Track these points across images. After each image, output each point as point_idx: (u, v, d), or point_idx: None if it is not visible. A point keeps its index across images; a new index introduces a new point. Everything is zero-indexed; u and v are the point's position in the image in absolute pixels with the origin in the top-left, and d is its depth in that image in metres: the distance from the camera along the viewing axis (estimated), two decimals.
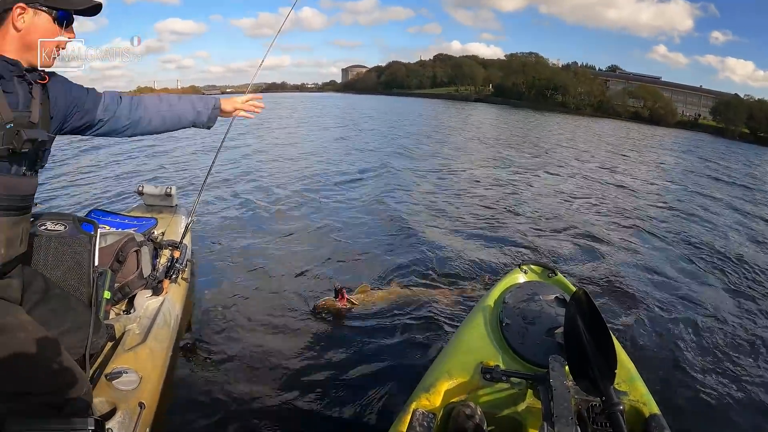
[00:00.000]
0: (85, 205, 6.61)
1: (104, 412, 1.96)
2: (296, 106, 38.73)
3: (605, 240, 6.02)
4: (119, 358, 2.25)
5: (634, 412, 1.67)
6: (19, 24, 1.53)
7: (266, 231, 5.65)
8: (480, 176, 10.09)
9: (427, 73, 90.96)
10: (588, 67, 69.53)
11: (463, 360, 1.93)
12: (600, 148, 17.36)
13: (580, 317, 1.71)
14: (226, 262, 4.59)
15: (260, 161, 10.75)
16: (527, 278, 2.45)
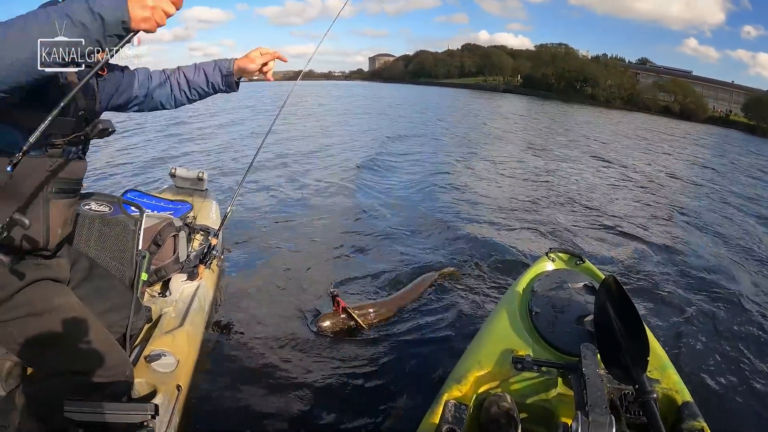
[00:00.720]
0: (115, 185, 6.75)
1: (144, 393, 2.01)
2: (326, 94, 38.55)
3: (633, 229, 5.92)
4: (157, 341, 2.29)
5: (667, 400, 1.66)
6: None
7: (296, 219, 5.68)
8: (507, 166, 9.99)
9: (455, 62, 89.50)
10: (618, 59, 67.35)
11: (494, 350, 1.93)
12: (631, 141, 16.85)
13: (611, 304, 1.71)
14: (255, 249, 4.64)
15: (293, 149, 10.73)
16: (555, 266, 2.43)
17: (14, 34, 1.19)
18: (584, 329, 1.91)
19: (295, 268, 4.18)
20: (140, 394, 2.00)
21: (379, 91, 51.86)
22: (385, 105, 29.26)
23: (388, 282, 3.90)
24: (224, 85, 1.96)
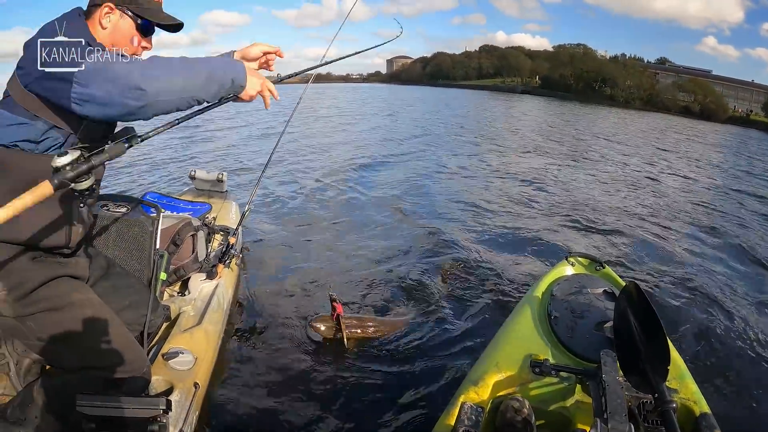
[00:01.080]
0: (136, 187, 6.83)
1: (161, 390, 2.04)
2: (343, 97, 38.50)
3: (654, 234, 5.81)
4: (175, 339, 2.31)
5: (685, 410, 1.64)
6: (105, 22, 1.63)
7: (312, 218, 5.72)
8: (527, 168, 9.88)
9: (473, 64, 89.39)
10: (636, 59, 66.38)
11: (512, 353, 1.92)
12: (651, 143, 16.48)
13: (631, 311, 1.70)
14: (273, 248, 4.68)
15: (309, 150, 10.80)
16: (575, 271, 2.41)
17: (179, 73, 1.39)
18: (603, 335, 1.90)
19: (312, 268, 4.21)
20: (157, 391, 2.02)
21: (397, 93, 51.75)
22: (404, 106, 29.23)
23: (397, 290, 3.85)
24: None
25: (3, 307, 1.62)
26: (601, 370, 1.55)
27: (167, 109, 1.41)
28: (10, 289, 1.61)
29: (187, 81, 1.40)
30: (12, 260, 1.62)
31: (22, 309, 1.63)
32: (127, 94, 1.31)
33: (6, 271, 1.61)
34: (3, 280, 1.60)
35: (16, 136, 1.50)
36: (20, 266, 1.63)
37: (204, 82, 1.43)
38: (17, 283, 1.61)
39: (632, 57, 66.80)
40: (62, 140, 1.55)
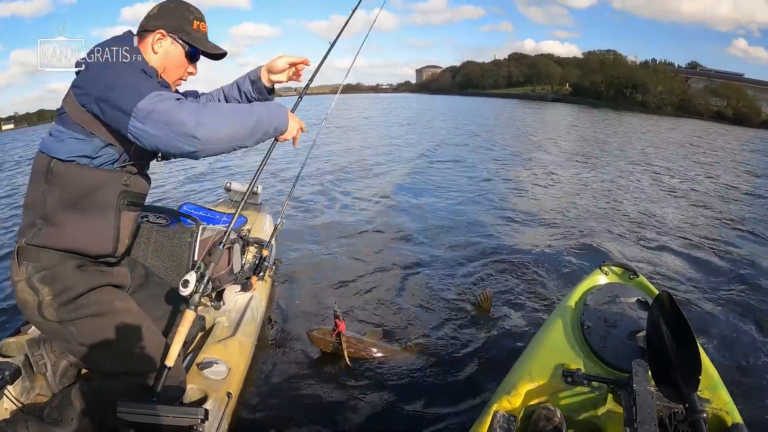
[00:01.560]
0: (171, 197, 7.00)
1: (195, 398, 2.09)
2: (372, 108, 38.45)
3: (689, 243, 5.63)
4: (210, 349, 2.37)
5: (716, 420, 1.62)
6: (156, 47, 1.76)
7: (343, 230, 5.76)
8: (559, 176, 9.76)
9: (502, 72, 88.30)
10: (667, 63, 63.97)
11: (544, 362, 1.93)
12: (686, 149, 15.81)
13: (664, 321, 1.68)
14: (305, 261, 4.74)
15: (339, 161, 10.90)
16: (608, 280, 2.40)
17: (230, 123, 1.52)
18: (636, 345, 1.89)
19: (342, 281, 4.23)
20: (191, 399, 2.08)
21: (427, 103, 51.61)
22: (435, 116, 29.14)
23: (429, 303, 3.84)
24: (255, 92, 2.05)
25: (48, 312, 1.68)
26: (632, 380, 1.56)
27: (214, 154, 1.54)
28: (55, 294, 1.67)
29: (235, 131, 1.53)
30: (58, 267, 1.69)
31: (66, 314, 1.70)
32: (180, 140, 1.43)
33: (52, 277, 1.68)
34: (49, 285, 1.67)
35: (73, 151, 1.61)
36: (66, 273, 1.70)
37: (250, 132, 1.57)
38: (63, 289, 1.68)
39: (662, 62, 64.51)
40: (117, 156, 1.67)
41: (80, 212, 1.70)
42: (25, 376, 2.08)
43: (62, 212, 1.68)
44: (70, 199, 1.68)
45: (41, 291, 1.66)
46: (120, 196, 1.75)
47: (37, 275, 1.67)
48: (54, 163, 1.64)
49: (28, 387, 2.11)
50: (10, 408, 1.98)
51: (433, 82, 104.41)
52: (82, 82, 1.58)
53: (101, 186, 1.70)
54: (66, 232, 1.68)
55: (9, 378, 1.97)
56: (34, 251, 1.67)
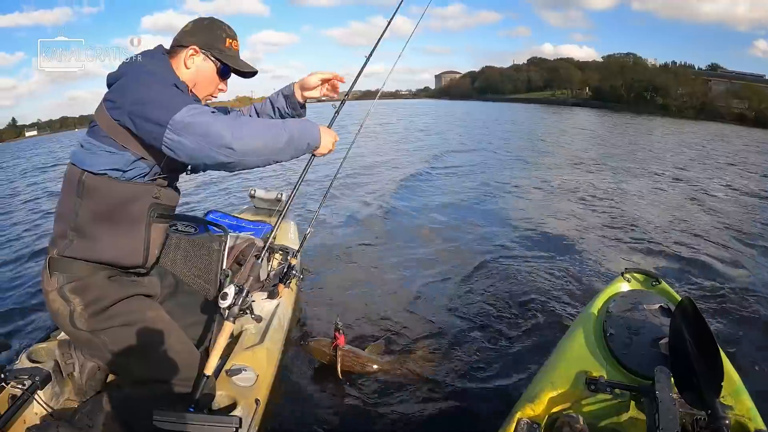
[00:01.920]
0: (195, 203, 7.08)
1: (224, 405, 2.09)
2: (392, 114, 38.44)
3: (712, 250, 5.50)
4: (238, 356, 2.37)
5: (739, 427, 1.61)
6: (189, 63, 1.81)
7: (372, 241, 5.73)
8: (581, 182, 9.63)
9: (522, 77, 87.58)
10: (687, 66, 62.49)
11: (568, 370, 1.94)
12: (710, 153, 15.34)
13: (686, 327, 1.68)
14: (332, 270, 4.74)
15: (369, 169, 10.91)
16: (631, 287, 2.39)
17: (264, 137, 1.55)
18: (659, 352, 1.89)
19: (369, 293, 4.21)
20: (221, 406, 2.09)
21: (448, 108, 51.50)
22: (457, 122, 28.99)
23: (445, 321, 3.75)
24: (289, 108, 2.08)
25: (79, 322, 1.70)
26: (655, 387, 1.57)
27: (248, 167, 1.58)
28: (86, 304, 1.70)
29: (269, 145, 1.55)
30: (89, 278, 1.72)
31: (97, 324, 1.72)
32: (217, 151, 1.46)
33: (84, 287, 1.71)
34: (80, 295, 1.70)
35: (105, 164, 1.63)
36: (97, 284, 1.72)
37: (284, 147, 1.59)
38: (94, 299, 1.71)
39: (682, 64, 63.16)
40: (147, 170, 1.71)
41: (111, 225, 1.72)
42: (55, 382, 2.11)
43: (94, 225, 1.70)
44: (101, 212, 1.70)
45: (73, 301, 1.69)
46: (150, 208, 1.77)
47: (68, 285, 1.70)
48: (86, 176, 1.67)
49: (58, 392, 2.15)
50: (40, 413, 2.02)
51: (453, 88, 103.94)
52: (114, 95, 1.61)
53: (132, 199, 1.74)
54: (97, 245, 1.71)
55: (39, 383, 1.99)
56: (65, 262, 1.70)
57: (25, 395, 1.94)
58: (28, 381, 1.97)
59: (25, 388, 1.95)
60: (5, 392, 1.96)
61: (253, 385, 2.22)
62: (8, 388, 1.97)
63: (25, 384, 1.97)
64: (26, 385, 1.96)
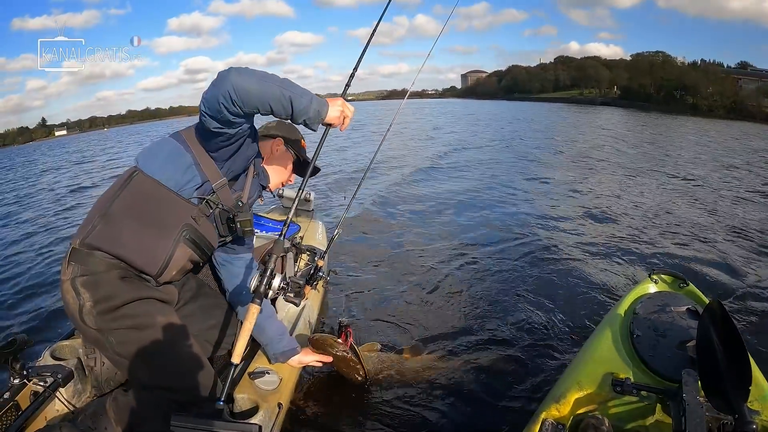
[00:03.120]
0: None
1: (246, 408, 2.06)
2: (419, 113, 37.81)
3: (742, 252, 5.34)
4: (261, 358, 2.33)
5: None
6: (274, 149, 2.22)
7: (402, 244, 5.68)
8: (610, 182, 9.50)
9: (549, 76, 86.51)
10: (716, 64, 59.77)
11: (594, 371, 1.92)
12: (744, 154, 14.71)
13: (714, 330, 1.64)
14: (359, 273, 4.70)
15: (395, 170, 10.81)
16: (658, 288, 2.36)
17: (264, 82, 1.58)
18: (686, 354, 1.86)
19: (398, 297, 4.17)
20: (242, 409, 2.06)
21: (476, 108, 50.79)
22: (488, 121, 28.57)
23: (471, 319, 3.72)
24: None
25: (88, 318, 1.70)
26: (682, 390, 1.55)
27: (251, 106, 1.60)
28: (96, 301, 1.69)
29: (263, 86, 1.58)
30: (102, 274, 1.71)
31: (104, 323, 1.71)
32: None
33: (95, 283, 1.70)
34: (90, 291, 1.69)
35: (162, 160, 1.84)
36: (109, 281, 1.71)
37: (279, 90, 1.59)
38: (104, 296, 1.70)
39: (711, 62, 60.62)
40: (199, 182, 1.85)
41: (140, 221, 1.76)
42: (77, 379, 2.12)
43: (123, 216, 1.75)
44: (135, 207, 1.76)
45: (83, 295, 1.69)
46: (184, 227, 1.82)
47: (80, 278, 1.70)
48: (138, 173, 1.79)
49: (81, 390, 2.15)
50: (62, 410, 2.03)
51: (479, 87, 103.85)
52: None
53: (169, 208, 1.80)
54: (119, 235, 1.73)
55: (61, 381, 2.02)
56: (84, 254, 1.71)
57: (46, 392, 1.96)
58: (51, 378, 2.00)
59: (47, 385, 1.98)
60: (27, 389, 1.96)
61: (276, 389, 2.18)
62: (30, 385, 1.97)
63: (47, 381, 1.99)
64: (48, 383, 1.99)
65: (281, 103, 1.60)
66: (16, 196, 12.55)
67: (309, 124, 1.70)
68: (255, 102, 1.57)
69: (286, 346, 2.32)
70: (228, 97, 1.53)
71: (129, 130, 60.61)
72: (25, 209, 10.36)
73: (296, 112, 1.63)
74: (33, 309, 4.36)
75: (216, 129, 1.67)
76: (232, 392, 2.03)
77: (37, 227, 8.25)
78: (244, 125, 1.72)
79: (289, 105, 1.60)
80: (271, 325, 2.30)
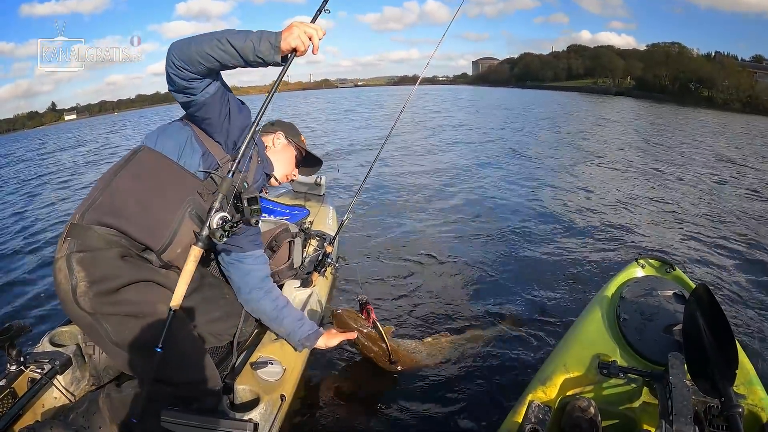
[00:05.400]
0: None
1: (247, 400, 1.94)
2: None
3: (729, 238, 5.28)
4: (265, 348, 2.17)
5: (752, 416, 1.55)
6: (275, 142, 2.22)
7: (414, 231, 5.48)
8: (606, 169, 9.38)
9: (562, 64, 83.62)
10: (731, 57, 57.49)
11: (580, 354, 1.89)
12: (752, 147, 14.54)
13: (701, 314, 1.61)
14: (369, 260, 4.52)
15: (407, 157, 10.66)
16: (645, 273, 2.31)
17: (198, 37, 1.53)
18: (672, 338, 1.83)
19: (409, 285, 3.95)
20: (243, 401, 1.94)
21: (486, 95, 49.79)
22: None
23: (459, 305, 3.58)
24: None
25: (82, 300, 1.56)
26: (668, 373, 1.51)
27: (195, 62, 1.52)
28: (92, 281, 1.56)
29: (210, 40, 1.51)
30: (101, 251, 1.58)
31: (101, 307, 1.58)
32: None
33: (93, 260, 1.57)
34: (87, 269, 1.56)
35: (168, 131, 1.83)
36: (108, 259, 1.59)
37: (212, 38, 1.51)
38: (102, 276, 1.57)
39: (727, 55, 58.35)
40: (200, 151, 1.81)
41: (145, 195, 1.68)
42: (75, 367, 2.00)
43: (127, 188, 1.67)
44: (140, 180, 1.69)
45: (77, 275, 1.55)
46: (189, 201, 1.72)
47: (76, 255, 1.57)
48: (143, 148, 1.74)
49: (79, 377, 2.02)
50: (59, 398, 1.93)
51: (491, 74, 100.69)
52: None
53: (175, 180, 1.72)
54: (123, 208, 1.63)
55: (59, 368, 1.92)
56: (82, 229, 1.60)
57: (43, 380, 1.87)
58: (48, 365, 1.90)
59: (44, 372, 1.88)
60: (24, 376, 1.87)
61: (279, 380, 2.04)
62: (27, 372, 1.87)
63: (44, 368, 1.89)
64: (45, 370, 1.88)
65: (221, 48, 1.49)
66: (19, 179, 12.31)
67: (267, 59, 1.52)
68: (195, 57, 1.49)
69: (309, 329, 2.19)
70: (172, 64, 1.51)
71: (139, 114, 59.24)
72: (29, 191, 10.19)
73: (242, 52, 1.50)
74: (35, 294, 4.21)
75: (184, 101, 1.64)
76: (233, 383, 1.92)
77: (39, 207, 8.15)
78: (204, 86, 1.61)
79: (229, 47, 1.49)
80: (289, 314, 2.18)
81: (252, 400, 1.93)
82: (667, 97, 47.72)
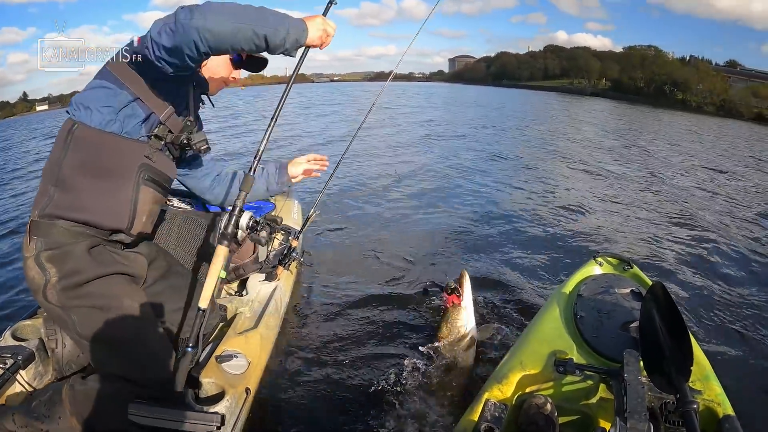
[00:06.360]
0: None
1: (212, 393, 1.89)
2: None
3: (687, 239, 5.38)
4: (230, 341, 2.14)
5: (708, 412, 1.54)
6: None
7: (378, 226, 5.41)
8: (567, 168, 9.48)
9: (538, 64, 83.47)
10: (705, 61, 59.35)
11: (537, 351, 1.86)
12: (717, 147, 15.00)
13: (657, 311, 1.61)
14: (332, 254, 4.46)
15: (375, 152, 10.52)
16: (602, 270, 2.29)
17: (238, 22, 1.43)
18: (628, 335, 1.80)
19: (373, 279, 3.91)
20: (208, 394, 1.90)
21: (463, 93, 49.40)
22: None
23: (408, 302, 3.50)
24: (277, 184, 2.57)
25: (50, 293, 1.57)
26: (623, 370, 1.49)
27: (221, 51, 1.51)
28: (61, 276, 1.56)
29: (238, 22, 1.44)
30: (69, 246, 1.58)
31: (67, 300, 1.58)
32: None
33: (62, 257, 1.57)
34: (57, 265, 1.57)
35: (99, 101, 1.64)
36: (76, 254, 1.58)
37: (251, 31, 1.46)
38: (70, 271, 1.57)
39: (702, 59, 60.37)
40: (142, 115, 1.69)
41: (96, 178, 1.62)
42: (38, 361, 1.98)
43: (77, 176, 1.60)
44: (86, 162, 1.61)
45: (49, 271, 1.56)
46: (140, 168, 1.67)
47: (45, 253, 1.56)
48: (77, 126, 1.61)
49: (41, 372, 2.00)
50: (22, 393, 1.89)
51: (467, 72, 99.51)
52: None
53: (120, 153, 1.65)
54: (79, 199, 1.59)
55: (21, 362, 1.88)
56: (45, 225, 1.57)
57: (6, 375, 1.83)
58: (11, 360, 1.87)
59: (6, 367, 1.84)
60: None
61: (244, 373, 2.02)
62: None
63: (6, 363, 1.86)
64: (8, 364, 1.85)
65: (254, 43, 1.47)
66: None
67: (287, 54, 1.57)
68: (226, 46, 1.46)
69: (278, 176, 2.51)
70: (194, 48, 1.42)
71: None
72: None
73: (272, 48, 1.51)
74: None
75: (173, 72, 1.54)
76: (198, 376, 1.86)
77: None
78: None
79: (263, 43, 1.48)
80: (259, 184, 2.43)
81: (217, 393, 1.90)
82: (641, 99, 48.97)
